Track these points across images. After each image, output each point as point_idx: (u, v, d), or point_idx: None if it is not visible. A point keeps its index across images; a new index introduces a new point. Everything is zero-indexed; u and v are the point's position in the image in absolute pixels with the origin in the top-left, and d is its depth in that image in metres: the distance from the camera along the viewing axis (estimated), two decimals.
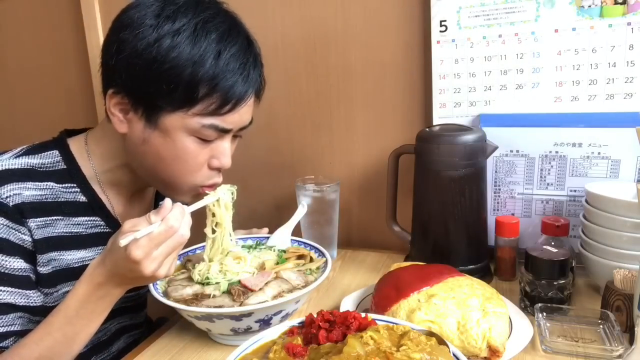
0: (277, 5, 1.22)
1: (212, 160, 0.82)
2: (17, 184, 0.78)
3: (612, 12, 0.96)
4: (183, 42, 0.73)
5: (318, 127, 1.26)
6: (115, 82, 0.77)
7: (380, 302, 0.78)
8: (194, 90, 0.74)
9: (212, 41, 0.75)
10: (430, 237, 1.00)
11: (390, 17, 1.13)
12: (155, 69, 0.73)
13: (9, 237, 0.76)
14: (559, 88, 1.02)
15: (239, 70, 0.77)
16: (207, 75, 0.74)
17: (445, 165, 0.95)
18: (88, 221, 0.86)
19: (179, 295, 0.79)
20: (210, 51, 0.74)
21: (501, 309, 0.74)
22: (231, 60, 0.76)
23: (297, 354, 0.58)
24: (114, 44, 0.76)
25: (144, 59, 0.73)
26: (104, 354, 0.95)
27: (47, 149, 0.84)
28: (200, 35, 0.74)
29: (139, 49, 0.73)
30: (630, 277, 0.78)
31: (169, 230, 0.69)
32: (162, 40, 0.73)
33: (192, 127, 0.77)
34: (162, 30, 0.73)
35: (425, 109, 1.15)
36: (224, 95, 0.76)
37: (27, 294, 0.78)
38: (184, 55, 0.73)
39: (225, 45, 0.76)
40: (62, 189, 0.83)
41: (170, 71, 0.73)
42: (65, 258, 0.83)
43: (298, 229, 1.06)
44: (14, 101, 1.57)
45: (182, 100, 0.75)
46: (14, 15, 1.50)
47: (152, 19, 0.74)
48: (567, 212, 1.04)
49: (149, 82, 0.74)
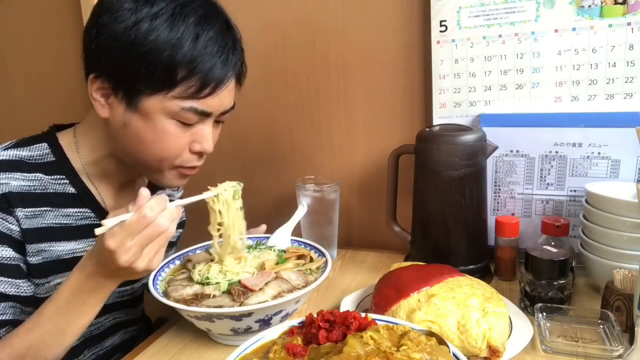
0: (277, 5, 1.22)
1: (193, 145, 0.82)
2: (4, 174, 0.79)
3: (612, 12, 0.96)
4: (161, 25, 0.74)
5: (318, 127, 1.26)
6: (95, 67, 0.78)
7: (380, 302, 0.78)
8: (172, 72, 0.75)
9: (190, 24, 0.75)
10: (430, 237, 1.00)
11: (390, 17, 1.13)
12: (133, 52, 0.74)
13: None
14: (559, 88, 1.02)
15: (217, 54, 0.77)
16: (186, 58, 0.75)
17: (445, 165, 0.95)
18: (78, 212, 0.86)
19: (179, 295, 0.79)
20: (188, 34, 0.75)
21: (501, 309, 0.73)
22: (209, 44, 0.76)
23: (297, 354, 0.58)
24: (94, 28, 0.76)
25: (123, 42, 0.74)
26: (96, 348, 0.94)
27: (36, 141, 0.85)
28: (178, 18, 0.75)
29: (117, 32, 0.74)
30: (630, 277, 0.78)
31: (141, 219, 0.67)
32: (141, 23, 0.74)
33: (171, 110, 0.77)
34: (140, 14, 0.74)
35: (425, 109, 1.15)
36: (203, 78, 0.77)
37: (17, 284, 0.78)
38: (162, 38, 0.74)
39: (204, 28, 0.76)
40: (51, 181, 0.83)
41: (149, 54, 0.74)
42: (56, 249, 0.83)
43: (298, 229, 1.06)
44: (14, 101, 1.57)
45: (161, 83, 0.76)
46: (14, 15, 1.50)
47: (130, 2, 0.75)
48: (567, 212, 1.04)
49: (128, 65, 0.75)
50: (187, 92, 0.77)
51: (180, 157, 0.83)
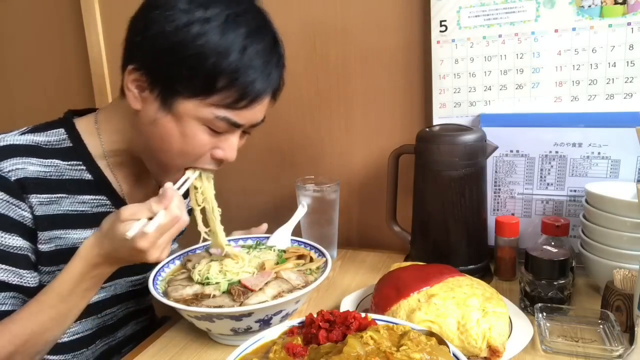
0: (277, 5, 1.21)
1: (216, 151, 0.82)
2: (21, 159, 0.78)
3: (612, 12, 0.96)
4: (211, 31, 0.73)
5: (318, 127, 1.26)
6: (136, 59, 0.77)
7: (380, 302, 0.78)
8: (214, 80, 0.75)
9: (240, 35, 0.75)
10: (430, 237, 1.00)
11: (390, 17, 1.13)
12: (179, 53, 0.73)
13: (9, 213, 0.76)
14: (559, 88, 1.02)
15: (261, 68, 0.77)
16: (230, 67, 0.74)
17: (445, 165, 0.95)
18: (93, 200, 0.86)
19: (179, 295, 0.79)
20: (236, 44, 0.74)
21: (501, 309, 0.73)
22: (255, 57, 0.76)
23: (297, 354, 0.58)
24: (142, 21, 0.76)
25: (170, 41, 0.73)
26: (109, 338, 0.95)
27: (52, 127, 0.85)
28: (229, 27, 0.74)
29: (166, 30, 0.73)
30: (630, 277, 0.78)
31: (173, 219, 0.71)
32: (192, 26, 0.73)
33: (205, 116, 0.77)
34: (192, 16, 0.73)
35: (425, 109, 1.15)
36: (242, 90, 0.76)
37: (20, 273, 0.78)
38: (210, 44, 0.73)
39: (252, 41, 0.76)
40: (67, 167, 0.83)
41: (194, 58, 0.73)
42: (71, 237, 0.83)
43: (298, 229, 1.06)
44: (14, 101, 1.57)
45: (200, 88, 0.75)
46: (14, 15, 1.50)
47: (184, 3, 0.74)
48: (567, 212, 1.04)
49: (171, 64, 0.74)
50: (223, 101, 0.76)
51: (199, 159, 0.82)
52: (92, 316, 0.90)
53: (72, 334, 0.88)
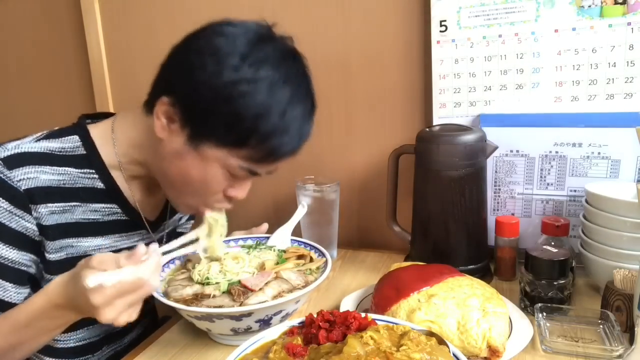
0: (276, 6, 1.22)
1: (229, 190, 0.83)
2: (34, 167, 0.78)
3: (612, 12, 0.96)
4: (257, 93, 0.73)
5: (318, 127, 1.25)
6: (174, 94, 0.76)
7: (380, 302, 0.78)
8: (247, 139, 0.74)
9: (283, 99, 0.74)
10: (430, 237, 1.00)
11: (390, 17, 1.13)
12: (220, 108, 0.73)
13: (10, 223, 0.76)
14: (559, 88, 1.02)
15: (294, 132, 0.77)
16: (266, 129, 0.74)
17: (445, 165, 0.95)
18: (105, 208, 0.85)
19: (179, 295, 0.79)
20: (277, 108, 0.74)
21: (501, 309, 0.74)
22: (292, 122, 0.76)
23: (297, 354, 0.58)
24: (188, 62, 0.75)
25: (214, 95, 0.73)
26: (116, 344, 0.95)
27: (67, 133, 0.84)
28: (275, 90, 0.74)
29: (213, 82, 0.72)
30: (630, 277, 0.78)
31: (137, 281, 0.65)
32: (239, 84, 0.72)
33: (229, 164, 0.77)
34: (242, 74, 0.72)
35: (425, 109, 1.15)
36: (272, 150, 0.76)
37: (5, 287, 0.76)
38: (252, 104, 0.73)
39: (293, 106, 0.76)
40: (80, 175, 0.82)
41: (233, 115, 0.73)
42: (83, 245, 0.83)
43: (298, 229, 1.06)
44: (14, 101, 1.57)
45: (232, 142, 0.75)
46: (14, 15, 1.50)
47: (237, 59, 0.73)
48: (567, 212, 1.04)
49: (209, 115, 0.74)
50: (251, 156, 0.77)
51: (213, 197, 0.83)
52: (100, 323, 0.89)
53: (79, 339, 0.88)
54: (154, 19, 1.34)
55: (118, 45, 1.40)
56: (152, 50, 1.39)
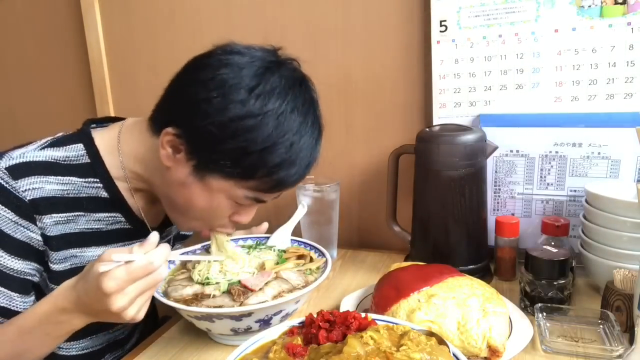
0: (276, 5, 1.22)
1: (234, 216, 0.83)
2: (39, 177, 0.77)
3: (612, 12, 0.96)
4: (264, 126, 0.71)
5: None
6: (178, 126, 0.74)
7: (380, 302, 0.78)
8: (254, 172, 0.74)
9: (290, 131, 0.73)
10: (430, 237, 1.00)
11: (390, 17, 1.13)
12: (226, 142, 0.72)
13: (15, 234, 0.75)
14: (559, 88, 1.02)
15: (302, 162, 0.76)
16: (272, 162, 0.73)
17: (445, 165, 0.95)
18: (109, 217, 0.85)
19: (179, 295, 0.79)
20: (285, 141, 0.73)
21: (501, 309, 0.74)
22: (299, 154, 0.75)
23: (297, 354, 0.58)
24: (194, 95, 0.73)
25: (220, 130, 0.71)
26: (118, 351, 0.95)
27: (72, 141, 0.82)
28: (282, 123, 0.72)
29: (219, 118, 0.71)
30: (630, 277, 0.78)
31: (148, 265, 0.65)
32: (246, 119, 0.71)
33: (235, 194, 0.77)
34: (250, 109, 0.71)
35: (425, 109, 1.15)
36: (279, 181, 0.75)
37: (10, 296, 0.76)
38: (259, 138, 0.71)
39: (300, 136, 0.74)
40: (84, 184, 0.81)
41: (239, 150, 0.72)
42: (87, 255, 0.83)
43: (298, 229, 1.06)
44: (14, 101, 1.57)
45: (238, 175, 0.75)
46: (14, 15, 1.50)
47: (244, 93, 0.71)
48: (567, 212, 1.04)
49: (215, 149, 0.73)
50: (258, 187, 0.76)
51: (218, 222, 0.83)
52: (104, 331, 0.89)
53: (82, 348, 0.88)
54: (154, 19, 1.34)
55: (118, 45, 1.40)
56: (152, 51, 1.39)
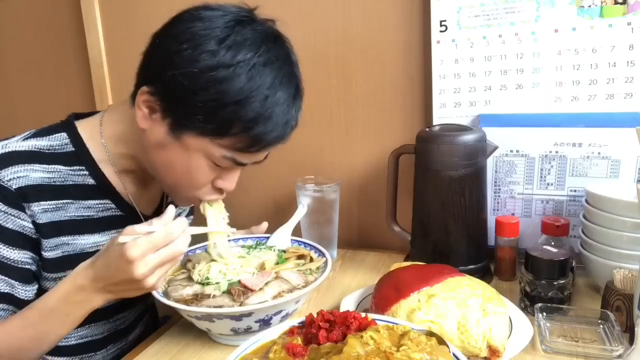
0: (276, 5, 1.22)
1: (217, 181, 0.82)
2: (23, 166, 0.77)
3: (612, 12, 0.96)
4: (236, 78, 0.70)
5: (318, 127, 1.26)
6: (153, 84, 0.74)
7: (380, 302, 0.78)
8: (229, 126, 0.73)
9: (265, 84, 0.72)
10: (430, 237, 1.00)
11: (390, 17, 1.13)
12: (199, 96, 0.71)
13: (7, 224, 0.76)
14: (559, 88, 1.02)
15: (279, 118, 0.74)
16: (248, 116, 0.72)
17: (445, 165, 0.95)
18: (99, 204, 0.85)
19: (179, 295, 0.79)
20: (259, 93, 0.71)
21: (501, 309, 0.74)
22: (275, 107, 0.73)
23: (297, 354, 0.58)
24: (166, 50, 0.73)
25: (192, 82, 0.71)
26: (121, 342, 0.95)
27: (55, 131, 0.83)
28: (255, 75, 0.71)
29: (190, 70, 0.70)
30: (630, 277, 0.78)
31: (168, 235, 0.67)
32: (217, 70, 0.70)
33: (211, 153, 0.76)
34: (220, 59, 0.70)
35: (425, 109, 1.15)
36: (256, 138, 0.74)
37: (12, 284, 0.77)
38: (232, 91, 0.70)
39: (275, 91, 0.73)
40: (70, 172, 0.82)
41: (212, 103, 0.71)
42: (79, 242, 0.83)
43: (298, 229, 1.06)
44: (14, 101, 1.57)
45: (213, 131, 0.74)
46: (14, 15, 1.50)
47: (214, 44, 0.70)
48: (567, 212, 1.04)
49: (189, 103, 0.72)
50: (234, 145, 0.75)
51: (202, 190, 0.82)
52: (103, 320, 0.89)
53: (80, 337, 0.88)
54: (154, 19, 1.33)
55: (118, 45, 1.40)
56: None
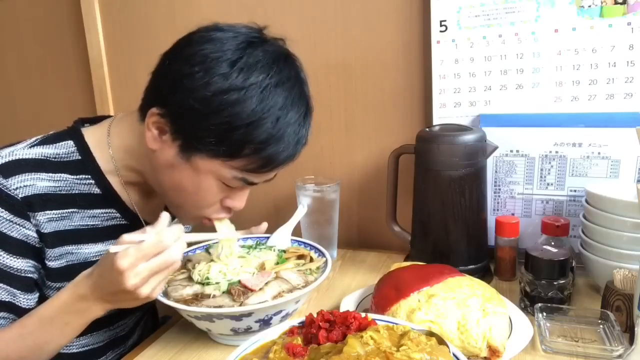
0: (276, 5, 1.22)
1: (226, 200, 0.81)
2: (30, 174, 0.77)
3: (612, 12, 0.96)
4: (248, 100, 0.70)
5: (318, 127, 1.25)
6: (163, 105, 0.74)
7: (380, 302, 0.78)
8: (240, 149, 0.72)
9: (276, 105, 0.72)
10: (430, 237, 1.00)
11: (390, 17, 1.13)
12: (210, 118, 0.71)
13: (11, 232, 0.75)
14: (559, 88, 1.02)
15: (290, 138, 0.74)
16: (259, 138, 0.72)
17: (445, 165, 0.95)
18: (104, 213, 0.84)
19: (179, 295, 0.79)
20: (270, 116, 0.71)
21: (501, 309, 0.74)
22: (286, 129, 0.73)
23: (297, 354, 0.58)
24: (177, 71, 0.73)
25: (203, 105, 0.70)
26: (120, 348, 0.95)
27: (61, 139, 0.82)
28: (266, 97, 0.71)
29: (202, 93, 0.70)
30: (630, 277, 0.78)
31: (158, 243, 0.66)
32: (229, 93, 0.70)
33: (222, 174, 0.76)
34: (232, 82, 0.70)
35: (425, 109, 1.15)
36: (267, 160, 0.74)
37: (14, 293, 0.76)
38: (244, 113, 0.70)
39: (286, 111, 0.73)
40: (76, 181, 0.81)
41: (224, 125, 0.71)
42: (83, 251, 0.82)
43: (298, 229, 1.06)
44: (14, 101, 1.57)
45: (224, 153, 0.73)
46: (14, 15, 1.50)
47: (226, 66, 0.70)
48: (567, 212, 1.04)
49: (199, 126, 0.72)
50: (246, 166, 0.75)
51: (211, 209, 0.82)
52: (104, 328, 0.89)
53: (82, 345, 0.88)
54: (154, 19, 1.34)
55: (118, 45, 1.40)
56: (152, 51, 1.37)
